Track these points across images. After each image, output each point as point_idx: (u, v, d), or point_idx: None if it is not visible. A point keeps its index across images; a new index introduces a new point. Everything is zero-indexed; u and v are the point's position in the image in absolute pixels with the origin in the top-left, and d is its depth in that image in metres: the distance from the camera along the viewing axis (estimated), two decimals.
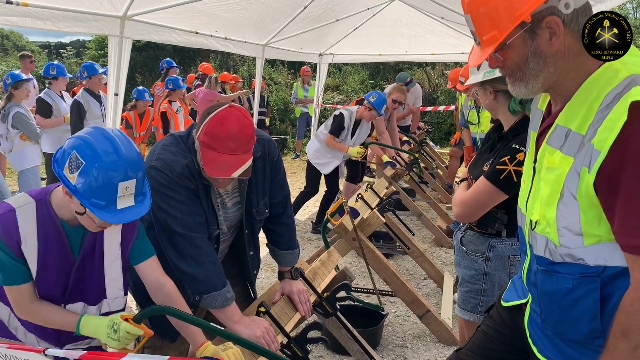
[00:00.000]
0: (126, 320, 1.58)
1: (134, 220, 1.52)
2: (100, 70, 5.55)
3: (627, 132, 1.04)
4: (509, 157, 1.96)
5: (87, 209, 1.47)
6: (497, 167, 1.97)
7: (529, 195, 1.35)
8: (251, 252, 2.18)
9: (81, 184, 1.44)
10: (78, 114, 5.30)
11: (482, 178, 2.02)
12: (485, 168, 2.09)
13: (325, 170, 5.36)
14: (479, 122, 5.27)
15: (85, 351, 1.47)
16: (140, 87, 6.60)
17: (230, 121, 1.73)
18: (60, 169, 1.49)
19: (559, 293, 1.26)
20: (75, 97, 5.41)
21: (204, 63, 10.65)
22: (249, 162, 1.77)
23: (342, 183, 6.11)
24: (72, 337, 1.72)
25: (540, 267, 1.32)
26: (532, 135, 1.41)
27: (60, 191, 1.60)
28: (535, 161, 1.33)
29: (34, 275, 1.60)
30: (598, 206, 1.12)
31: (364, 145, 5.56)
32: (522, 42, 1.19)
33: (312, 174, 5.48)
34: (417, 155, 5.99)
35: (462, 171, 2.44)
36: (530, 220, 1.32)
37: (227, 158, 1.73)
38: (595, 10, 1.17)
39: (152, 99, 7.10)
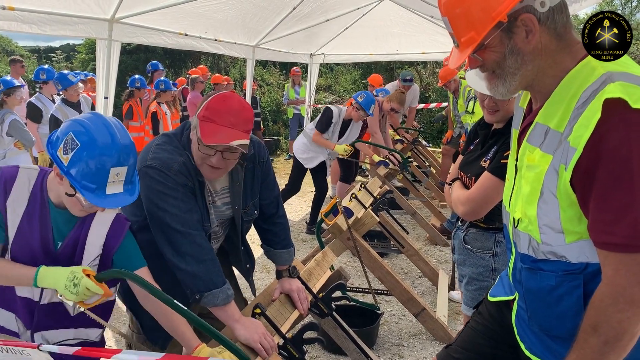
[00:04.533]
0: (88, 276, 1.56)
1: (121, 206, 1.53)
2: (75, 80, 5.47)
3: (602, 129, 1.04)
4: None
5: (76, 191, 1.48)
6: (501, 161, 1.97)
7: (511, 193, 1.36)
8: (242, 248, 2.18)
9: (74, 166, 1.47)
10: (56, 129, 5.25)
11: (486, 173, 2.01)
12: (484, 164, 2.08)
13: (310, 164, 5.32)
14: (473, 112, 5.29)
15: (80, 347, 1.46)
16: (136, 76, 6.65)
17: (232, 99, 1.78)
18: (54, 150, 1.51)
19: (543, 290, 1.26)
20: (52, 112, 5.33)
21: (195, 69, 10.61)
22: (247, 141, 1.78)
23: (329, 182, 6.09)
24: (45, 324, 1.69)
25: (524, 265, 1.32)
26: (514, 133, 1.42)
27: (53, 173, 1.61)
28: (517, 159, 1.34)
29: (10, 241, 1.59)
30: (577, 204, 1.13)
31: (351, 143, 5.54)
32: (499, 42, 1.19)
33: (297, 171, 5.44)
34: (409, 153, 5.99)
35: (450, 173, 2.43)
36: (513, 218, 1.33)
37: (227, 130, 1.74)
38: (571, 10, 1.17)
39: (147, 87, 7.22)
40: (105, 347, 1.82)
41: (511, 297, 1.49)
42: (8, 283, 1.63)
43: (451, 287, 3.95)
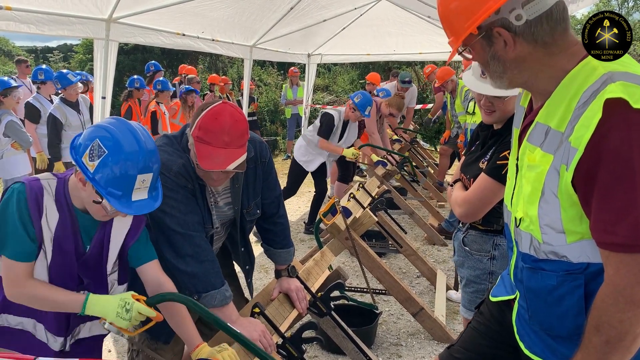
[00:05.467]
0: (137, 300, 1.57)
1: (146, 212, 1.54)
2: (75, 79, 5.43)
3: (603, 129, 1.04)
4: (508, 151, 1.95)
5: (102, 198, 1.48)
6: (497, 162, 1.96)
7: (513, 192, 1.36)
8: (242, 249, 2.19)
9: (100, 173, 1.46)
10: (54, 128, 5.22)
11: (482, 175, 2.01)
12: (482, 165, 2.08)
13: (310, 167, 5.32)
14: (473, 112, 5.30)
15: None
16: (135, 76, 6.63)
17: (224, 115, 1.74)
18: (79, 156, 1.50)
19: (545, 290, 1.27)
20: (50, 111, 5.30)
21: (184, 65, 10.50)
22: (244, 157, 1.77)
23: (329, 183, 6.09)
24: (75, 324, 1.70)
25: (525, 264, 1.32)
26: (515, 132, 1.42)
27: (74, 178, 1.60)
28: (517, 158, 1.34)
29: (49, 257, 1.58)
30: (578, 204, 1.13)
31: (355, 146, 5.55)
32: (481, 48, 1.22)
33: (296, 173, 5.43)
34: (407, 153, 6.00)
35: (453, 174, 2.43)
36: (515, 218, 1.33)
37: (222, 152, 1.73)
38: (568, 10, 1.18)
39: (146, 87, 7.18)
40: (104, 344, 1.83)
41: (512, 297, 1.49)
42: (53, 309, 1.62)
43: (455, 287, 3.95)
